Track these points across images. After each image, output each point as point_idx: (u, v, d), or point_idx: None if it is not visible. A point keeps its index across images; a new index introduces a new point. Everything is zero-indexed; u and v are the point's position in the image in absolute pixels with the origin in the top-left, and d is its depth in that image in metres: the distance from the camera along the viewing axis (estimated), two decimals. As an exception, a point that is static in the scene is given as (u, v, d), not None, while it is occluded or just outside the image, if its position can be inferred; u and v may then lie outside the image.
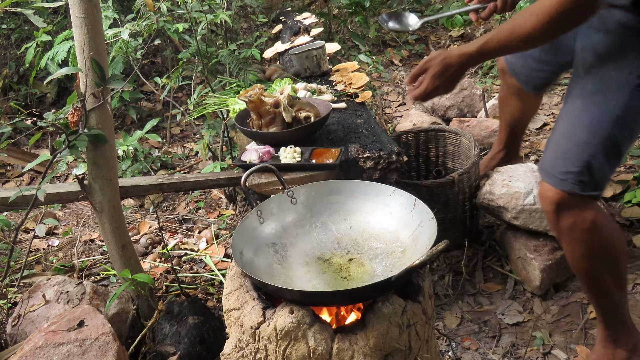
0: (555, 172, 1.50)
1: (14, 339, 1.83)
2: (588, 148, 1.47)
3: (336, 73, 2.66)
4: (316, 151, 1.89)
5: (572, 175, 1.47)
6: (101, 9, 1.74)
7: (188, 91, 3.99)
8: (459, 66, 1.52)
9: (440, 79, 1.53)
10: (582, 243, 1.52)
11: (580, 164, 1.47)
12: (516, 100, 2.30)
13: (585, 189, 1.48)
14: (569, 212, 1.50)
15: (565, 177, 1.48)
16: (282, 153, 1.89)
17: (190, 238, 2.68)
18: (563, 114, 1.58)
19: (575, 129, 1.50)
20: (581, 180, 1.47)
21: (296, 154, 1.88)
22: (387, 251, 1.40)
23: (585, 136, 1.47)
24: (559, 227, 1.54)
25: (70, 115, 1.68)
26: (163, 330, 1.88)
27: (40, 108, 3.81)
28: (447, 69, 1.52)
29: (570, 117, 1.53)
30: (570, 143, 1.50)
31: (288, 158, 1.87)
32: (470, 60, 1.51)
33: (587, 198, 1.49)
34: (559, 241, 1.60)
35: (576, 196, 1.48)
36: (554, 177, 1.51)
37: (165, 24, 2.81)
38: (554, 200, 1.50)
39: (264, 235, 1.45)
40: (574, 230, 1.51)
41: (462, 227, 2.32)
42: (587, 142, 1.47)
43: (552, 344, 1.91)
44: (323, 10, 4.54)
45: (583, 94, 1.53)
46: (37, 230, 2.16)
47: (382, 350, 1.20)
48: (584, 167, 1.47)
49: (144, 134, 2.95)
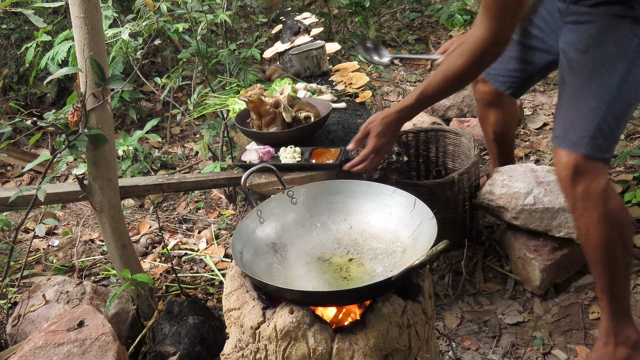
0: (572, 138, 1.59)
1: (14, 339, 1.83)
2: (598, 112, 1.56)
3: (336, 73, 2.66)
4: (316, 151, 1.89)
5: (587, 139, 1.56)
6: (101, 9, 1.74)
7: (188, 91, 3.99)
8: (398, 121, 1.70)
9: (384, 137, 1.70)
10: (595, 208, 1.59)
11: (592, 127, 1.56)
12: (495, 111, 2.26)
13: (599, 151, 1.56)
14: (585, 177, 1.57)
15: (581, 141, 1.56)
16: (282, 153, 1.89)
17: (190, 238, 2.68)
18: (566, 91, 1.65)
19: (582, 99, 1.59)
20: (596, 144, 1.56)
21: (296, 154, 1.88)
22: (387, 251, 1.40)
23: (593, 103, 1.57)
24: (574, 193, 1.60)
25: (70, 115, 1.67)
26: (163, 330, 1.88)
27: (40, 108, 3.81)
28: (388, 126, 1.69)
29: (575, 90, 1.62)
30: (581, 111, 1.59)
31: (288, 158, 1.87)
32: (410, 112, 1.69)
33: (601, 162, 1.58)
34: (572, 211, 1.65)
35: (591, 160, 1.56)
36: (570, 142, 1.59)
37: (165, 24, 2.81)
38: (571, 165, 1.57)
39: (264, 235, 1.45)
40: (588, 195, 1.57)
41: (462, 227, 2.32)
42: (597, 107, 1.56)
43: (552, 344, 1.91)
44: (323, 10, 4.54)
45: (584, 70, 1.61)
46: (37, 230, 2.16)
47: (382, 350, 1.20)
48: (596, 130, 1.55)
49: (144, 134, 2.95)
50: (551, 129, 3.19)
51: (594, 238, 1.61)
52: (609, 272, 1.65)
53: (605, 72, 1.57)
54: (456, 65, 1.57)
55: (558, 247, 2.09)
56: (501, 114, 2.27)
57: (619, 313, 1.69)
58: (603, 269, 1.66)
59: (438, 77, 1.62)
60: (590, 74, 1.60)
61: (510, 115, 2.30)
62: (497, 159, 2.45)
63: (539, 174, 2.19)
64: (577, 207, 1.61)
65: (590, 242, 1.63)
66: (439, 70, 1.61)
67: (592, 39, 1.61)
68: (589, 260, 1.68)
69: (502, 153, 2.43)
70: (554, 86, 3.62)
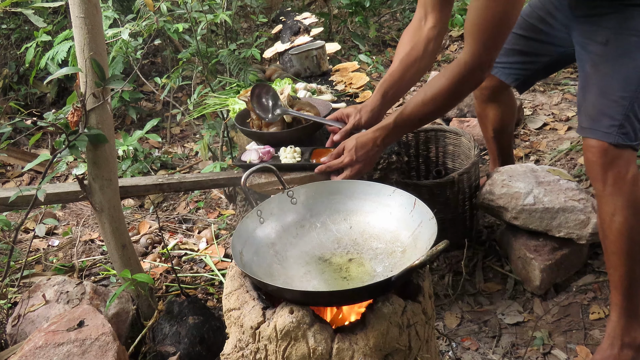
0: (600, 128, 1.63)
1: (14, 339, 1.83)
2: (624, 102, 1.60)
3: (336, 73, 2.66)
4: (316, 151, 1.89)
5: (616, 128, 1.61)
6: (101, 9, 1.74)
7: (188, 91, 3.99)
8: (373, 141, 1.65)
9: (357, 153, 1.66)
10: (623, 194, 1.63)
11: (620, 117, 1.60)
12: (493, 107, 2.26)
13: (628, 139, 1.61)
14: (615, 164, 1.62)
15: (610, 130, 1.61)
16: (282, 153, 1.89)
17: (190, 238, 2.68)
18: (590, 83, 1.68)
19: (609, 88, 1.63)
20: (624, 132, 1.61)
21: (296, 154, 1.88)
22: (387, 251, 1.40)
23: (620, 92, 1.61)
24: (605, 180, 1.64)
25: (70, 115, 1.67)
26: (163, 330, 1.88)
27: (40, 108, 3.81)
28: (362, 145, 1.65)
29: (600, 82, 1.66)
30: (608, 101, 1.62)
31: (288, 158, 1.87)
32: (388, 133, 1.65)
33: (630, 149, 1.63)
34: (600, 197, 1.67)
35: (620, 148, 1.61)
36: (600, 132, 1.63)
37: (165, 24, 2.81)
38: (602, 154, 1.62)
39: (264, 235, 1.45)
40: (618, 181, 1.62)
41: (462, 227, 2.32)
42: (623, 97, 1.60)
43: (552, 344, 1.91)
44: (323, 10, 4.54)
45: (607, 62, 1.64)
46: (37, 230, 2.16)
47: (382, 350, 1.20)
48: (624, 119, 1.60)
49: (144, 134, 2.95)
50: (551, 129, 3.20)
51: (617, 225, 1.64)
52: (627, 265, 1.67)
53: (629, 61, 1.60)
54: (437, 87, 1.56)
55: (558, 247, 2.09)
56: (500, 110, 2.27)
57: (630, 310, 1.70)
58: (621, 260, 1.67)
59: (417, 100, 1.60)
60: (613, 65, 1.62)
61: (508, 110, 2.31)
62: (497, 158, 2.45)
63: (539, 174, 2.19)
64: (605, 193, 1.64)
65: (613, 229, 1.65)
66: (419, 93, 1.60)
67: (610, 31, 1.62)
68: (609, 251, 1.69)
69: (501, 151, 2.44)
70: (554, 86, 3.62)
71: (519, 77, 2.09)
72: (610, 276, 1.72)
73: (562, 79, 3.68)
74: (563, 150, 2.92)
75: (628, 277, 1.68)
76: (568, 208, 2.04)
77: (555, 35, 1.88)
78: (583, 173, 2.64)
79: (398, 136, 1.71)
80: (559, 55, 1.95)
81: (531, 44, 1.98)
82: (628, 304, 1.70)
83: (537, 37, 1.94)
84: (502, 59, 2.05)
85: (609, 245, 1.68)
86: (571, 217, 2.04)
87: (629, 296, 1.69)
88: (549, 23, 1.89)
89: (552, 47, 1.94)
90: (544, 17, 1.90)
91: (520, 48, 2.01)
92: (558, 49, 1.92)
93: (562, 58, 1.97)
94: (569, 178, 2.19)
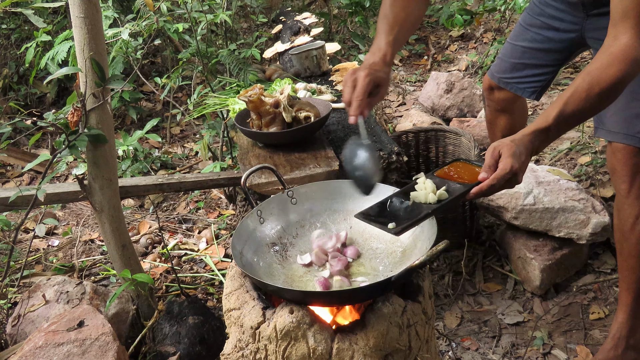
0: (634, 133, 1.59)
1: (14, 339, 1.83)
2: None
3: (336, 73, 2.67)
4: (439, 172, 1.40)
5: None
6: (101, 9, 1.74)
7: (188, 91, 3.99)
8: (531, 143, 1.32)
9: (519, 159, 1.28)
10: None
11: None
12: (505, 117, 2.21)
13: None
14: None
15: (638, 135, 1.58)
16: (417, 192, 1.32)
17: (190, 238, 2.68)
18: None
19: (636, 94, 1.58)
20: None
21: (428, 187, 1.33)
22: (387, 251, 1.40)
23: None
24: (631, 183, 1.62)
25: (70, 115, 1.67)
26: (163, 330, 1.88)
27: (40, 108, 3.81)
28: (525, 147, 1.31)
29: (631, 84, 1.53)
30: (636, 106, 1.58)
31: (421, 197, 1.31)
32: (545, 135, 1.33)
33: None
34: (625, 199, 1.65)
35: None
36: (633, 137, 1.59)
37: (165, 24, 2.81)
38: (631, 157, 1.60)
39: (264, 235, 1.45)
40: None
41: (462, 227, 2.32)
42: None
43: (552, 344, 1.91)
44: (323, 10, 4.54)
45: None
46: (37, 230, 2.16)
47: (382, 350, 1.20)
48: None
49: (144, 134, 2.95)
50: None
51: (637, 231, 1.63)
52: None
53: None
54: (607, 76, 1.32)
55: (558, 247, 2.09)
56: (512, 119, 2.22)
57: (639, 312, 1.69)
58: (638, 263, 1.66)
59: (580, 94, 1.32)
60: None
61: (520, 119, 2.27)
62: None
63: (539, 174, 2.19)
64: (630, 195, 1.63)
65: (636, 232, 1.64)
66: (579, 86, 1.33)
67: None
68: (625, 253, 1.68)
69: None
70: (554, 86, 3.62)
71: (535, 88, 2.02)
72: (624, 277, 1.70)
73: (562, 79, 3.68)
74: (563, 150, 2.92)
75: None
76: (568, 208, 2.04)
77: (563, 39, 1.83)
78: (583, 173, 2.64)
79: (554, 138, 1.39)
80: (569, 56, 1.92)
81: (539, 55, 1.92)
82: (637, 306, 1.69)
83: (543, 46, 1.90)
84: (513, 75, 2.01)
85: (629, 247, 1.67)
86: (571, 217, 2.04)
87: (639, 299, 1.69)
88: (555, 28, 1.83)
89: (560, 55, 1.90)
90: (549, 22, 1.84)
91: (528, 62, 1.96)
92: (565, 54, 1.89)
93: (572, 57, 1.95)
94: (569, 178, 2.19)
